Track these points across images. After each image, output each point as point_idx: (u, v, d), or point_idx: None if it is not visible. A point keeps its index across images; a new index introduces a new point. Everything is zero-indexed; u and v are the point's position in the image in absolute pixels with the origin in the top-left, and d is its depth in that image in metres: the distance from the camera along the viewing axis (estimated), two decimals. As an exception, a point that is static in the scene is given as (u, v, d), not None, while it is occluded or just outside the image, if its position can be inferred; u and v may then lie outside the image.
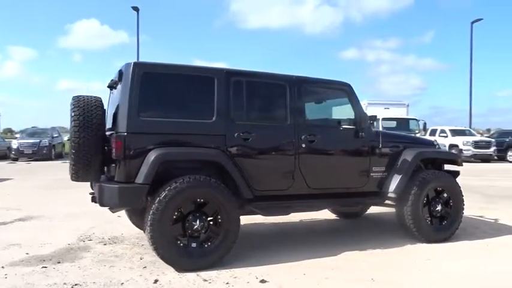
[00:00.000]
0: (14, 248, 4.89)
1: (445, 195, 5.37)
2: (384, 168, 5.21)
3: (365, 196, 5.19)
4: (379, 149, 5.14)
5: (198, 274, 4.00)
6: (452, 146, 20.70)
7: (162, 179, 4.11)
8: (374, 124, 5.40)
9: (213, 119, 4.38)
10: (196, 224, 4.13)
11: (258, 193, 4.51)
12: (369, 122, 5.09)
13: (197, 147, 4.33)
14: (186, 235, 4.15)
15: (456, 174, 5.65)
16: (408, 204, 5.10)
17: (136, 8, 25.77)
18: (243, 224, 4.42)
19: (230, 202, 4.23)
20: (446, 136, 21.74)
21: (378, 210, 6.61)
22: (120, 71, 4.37)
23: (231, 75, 4.54)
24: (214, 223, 4.25)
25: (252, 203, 4.46)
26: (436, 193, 5.35)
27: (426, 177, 5.22)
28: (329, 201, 5.04)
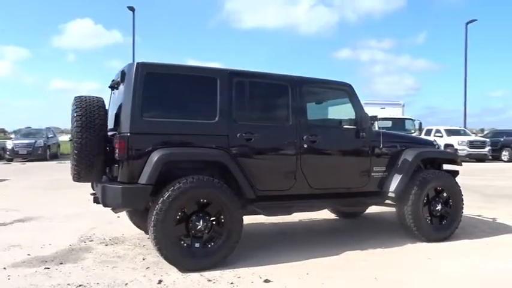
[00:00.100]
0: (15, 249, 4.87)
1: (445, 194, 5.40)
2: (385, 168, 5.24)
3: (366, 196, 5.20)
4: (379, 149, 5.17)
5: (202, 274, 4.00)
6: (447, 146, 20.78)
7: (165, 180, 4.11)
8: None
9: (216, 119, 4.38)
10: (199, 224, 4.13)
11: (261, 193, 4.52)
12: (370, 122, 5.12)
13: (200, 147, 4.34)
14: (189, 235, 4.15)
15: (455, 173, 5.69)
16: (409, 203, 5.13)
17: (132, 8, 25.61)
18: (244, 224, 4.42)
19: (233, 202, 4.24)
20: (441, 136, 21.86)
21: (377, 210, 6.64)
22: (122, 71, 4.36)
23: (234, 75, 4.55)
24: (217, 223, 4.26)
25: (255, 203, 4.48)
26: (436, 193, 5.38)
27: (426, 177, 5.25)
28: (330, 201, 5.06)
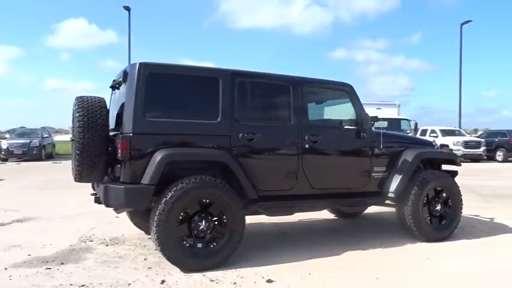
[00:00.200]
0: (15, 250, 4.85)
1: (444, 194, 5.43)
2: (385, 168, 5.26)
3: (366, 196, 5.22)
4: (380, 150, 5.19)
5: (204, 274, 4.00)
6: (442, 146, 20.88)
7: (167, 180, 4.11)
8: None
9: (218, 120, 4.39)
10: (202, 225, 4.14)
11: (262, 193, 4.53)
12: (371, 123, 5.14)
13: (202, 147, 4.34)
14: (192, 235, 4.15)
15: (454, 174, 5.73)
16: (408, 204, 5.15)
17: (128, 8, 25.49)
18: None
19: (235, 202, 4.25)
20: (436, 136, 21.96)
21: (376, 209, 6.67)
22: (124, 71, 4.35)
23: (236, 75, 4.55)
24: (219, 223, 4.26)
25: (257, 203, 4.49)
26: (436, 193, 5.41)
27: (426, 177, 5.28)
28: (331, 201, 5.07)
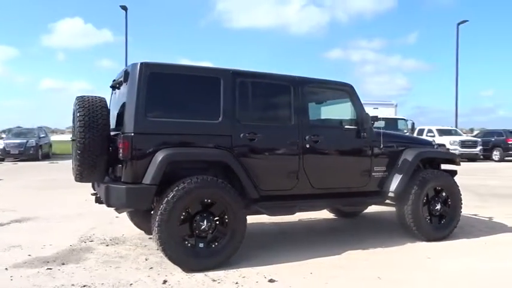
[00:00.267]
0: (15, 250, 4.83)
1: (444, 194, 5.45)
2: (385, 168, 5.27)
3: (366, 196, 5.24)
4: (380, 149, 5.20)
5: (206, 274, 4.00)
6: (439, 146, 20.96)
7: (168, 180, 4.10)
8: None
9: (219, 120, 4.38)
10: (203, 224, 4.13)
11: (264, 193, 4.53)
12: (371, 122, 5.15)
13: (203, 147, 4.34)
14: (194, 235, 4.15)
15: (453, 173, 5.75)
16: (409, 203, 5.16)
17: (124, 7, 25.44)
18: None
19: (237, 202, 4.25)
20: (433, 136, 22.02)
21: (375, 209, 6.68)
22: (126, 71, 4.35)
23: (237, 75, 4.55)
24: (221, 223, 4.26)
25: (258, 203, 4.49)
26: (435, 192, 5.43)
27: (426, 176, 5.29)
28: (332, 201, 5.08)
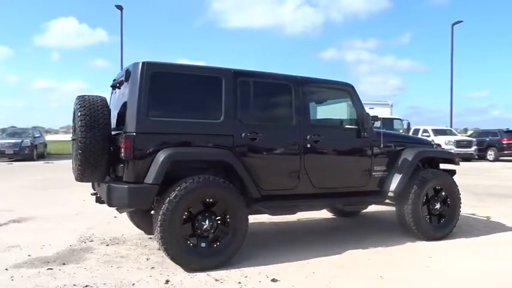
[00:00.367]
0: (15, 250, 4.79)
1: (443, 193, 5.48)
2: (385, 167, 5.29)
3: (367, 195, 5.25)
4: (380, 149, 5.21)
5: (209, 274, 3.99)
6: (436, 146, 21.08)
7: (169, 179, 4.09)
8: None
9: (221, 119, 4.38)
10: (205, 224, 4.12)
11: (265, 192, 4.53)
12: (371, 122, 5.16)
13: (205, 147, 4.33)
14: (195, 235, 4.14)
15: (452, 173, 5.78)
16: (408, 202, 5.18)
17: (120, 7, 25.32)
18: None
19: (239, 202, 4.24)
20: (428, 136, 22.14)
21: (374, 208, 6.70)
22: (127, 71, 4.32)
23: (238, 75, 4.54)
24: (222, 223, 4.25)
25: (259, 203, 4.49)
26: (435, 192, 5.45)
27: (426, 176, 5.31)
28: (332, 200, 5.09)
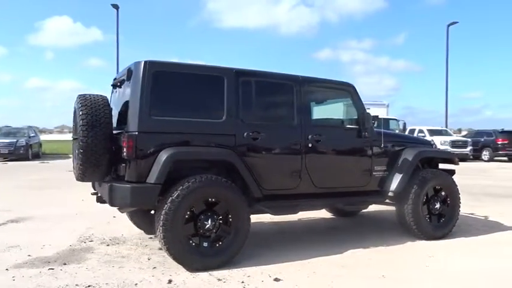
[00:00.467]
0: (15, 250, 4.76)
1: (443, 193, 5.51)
2: (385, 167, 5.31)
3: (367, 195, 5.26)
4: (381, 149, 5.23)
5: (211, 273, 3.99)
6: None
7: (170, 179, 4.07)
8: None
9: (223, 119, 4.37)
10: (207, 224, 4.12)
11: (267, 192, 4.53)
12: (372, 122, 5.18)
13: (207, 146, 4.32)
14: (198, 234, 4.13)
15: (452, 172, 5.80)
16: (409, 202, 5.21)
17: (116, 6, 25.20)
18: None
19: (241, 201, 4.24)
20: (424, 136, 22.25)
21: (374, 208, 6.71)
22: (129, 69, 4.31)
23: (240, 74, 4.54)
24: (224, 222, 4.24)
25: (261, 202, 4.49)
26: (435, 191, 5.48)
27: (426, 176, 5.34)
28: (333, 200, 5.10)
